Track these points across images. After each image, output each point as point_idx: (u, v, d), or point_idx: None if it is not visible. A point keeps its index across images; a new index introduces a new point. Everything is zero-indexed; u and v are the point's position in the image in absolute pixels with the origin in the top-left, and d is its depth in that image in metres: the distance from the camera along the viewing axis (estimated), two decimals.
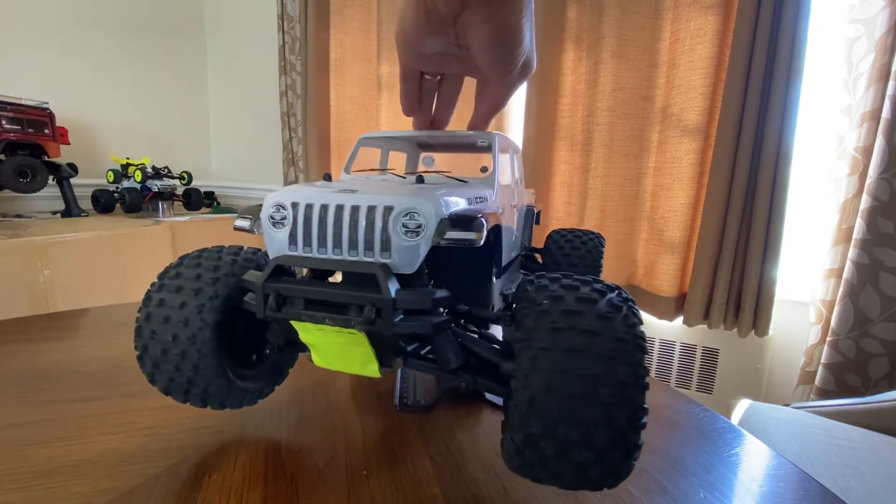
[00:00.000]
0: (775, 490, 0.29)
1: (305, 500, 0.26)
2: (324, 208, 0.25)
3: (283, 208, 0.26)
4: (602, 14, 1.02)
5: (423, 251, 0.24)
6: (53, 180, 1.36)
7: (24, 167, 1.25)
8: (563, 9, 1.09)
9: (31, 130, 1.28)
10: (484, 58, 0.29)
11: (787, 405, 0.72)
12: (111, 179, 1.47)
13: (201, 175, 1.89)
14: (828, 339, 0.86)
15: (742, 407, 0.70)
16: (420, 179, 0.32)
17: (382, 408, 0.37)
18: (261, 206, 0.27)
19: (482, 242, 0.24)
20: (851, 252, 0.82)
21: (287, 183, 1.73)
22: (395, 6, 1.38)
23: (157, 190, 1.46)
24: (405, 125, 0.37)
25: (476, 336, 0.29)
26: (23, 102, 1.26)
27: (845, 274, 0.83)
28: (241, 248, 0.31)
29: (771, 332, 0.96)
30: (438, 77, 0.35)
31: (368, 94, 1.48)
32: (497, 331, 0.33)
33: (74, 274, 1.05)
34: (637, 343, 0.21)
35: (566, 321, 0.21)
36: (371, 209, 0.24)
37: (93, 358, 0.46)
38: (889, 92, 0.77)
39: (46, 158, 1.32)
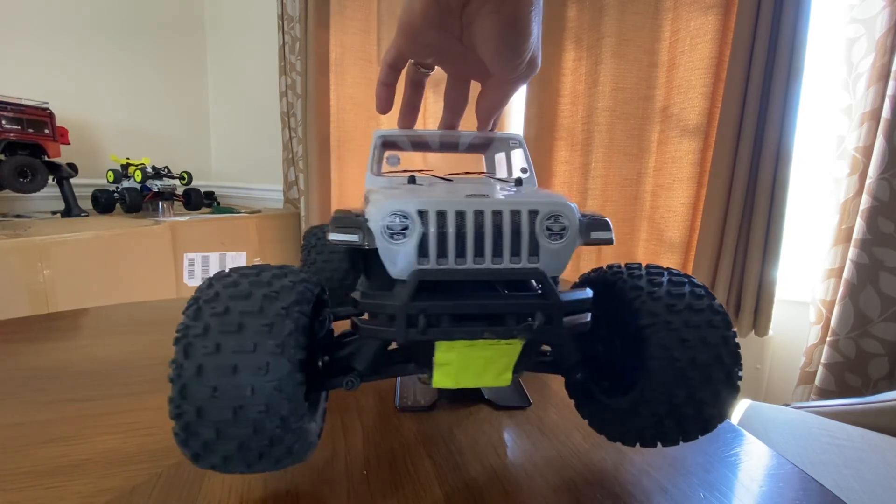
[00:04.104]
0: (775, 490, 0.29)
1: (305, 500, 0.26)
2: (460, 215, 0.23)
3: (406, 217, 0.23)
4: (602, 14, 1.02)
5: (570, 253, 0.24)
6: (53, 180, 1.36)
7: (24, 167, 1.25)
8: (563, 9, 1.09)
9: (31, 130, 1.28)
10: (490, 51, 0.28)
11: (787, 405, 0.72)
12: (111, 179, 1.47)
13: (201, 175, 1.89)
14: (828, 339, 0.86)
15: (742, 407, 0.70)
16: (412, 180, 0.31)
17: (382, 408, 0.37)
18: (356, 214, 0.24)
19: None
20: (851, 252, 0.82)
21: (287, 183, 1.74)
22: (395, 6, 1.38)
23: (157, 190, 1.46)
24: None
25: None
26: (23, 102, 1.26)
27: (845, 274, 0.83)
28: (282, 267, 0.25)
29: (771, 332, 0.96)
30: (429, 72, 0.34)
31: (368, 94, 1.48)
32: None
33: (74, 274, 1.05)
34: (725, 311, 0.25)
35: (680, 303, 0.25)
36: (515, 213, 0.23)
37: (93, 358, 0.46)
38: (889, 92, 0.77)
39: (46, 158, 1.32)
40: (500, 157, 0.40)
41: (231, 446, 0.21)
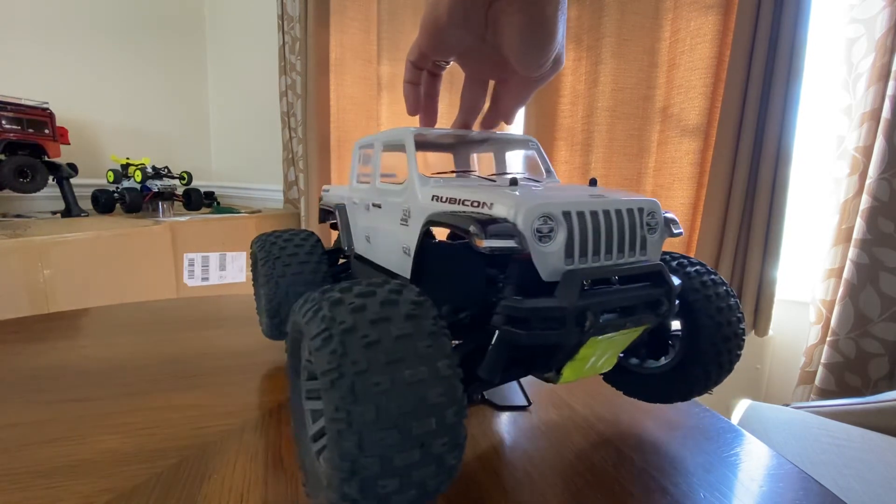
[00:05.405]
0: (775, 490, 0.29)
1: (305, 500, 0.26)
2: (594, 215, 0.24)
3: (551, 219, 0.23)
4: (602, 14, 1.02)
5: (662, 244, 0.27)
6: (53, 180, 1.36)
7: (24, 167, 1.25)
8: None
9: (31, 130, 1.28)
10: (516, 49, 0.28)
11: (787, 405, 0.72)
12: (111, 179, 1.47)
13: (201, 175, 1.89)
14: (828, 339, 0.86)
15: (742, 407, 0.70)
16: (515, 182, 0.30)
17: None
18: (496, 219, 0.23)
19: None
20: (851, 252, 0.82)
21: (287, 183, 1.73)
22: (395, 6, 1.38)
23: (157, 190, 1.46)
24: (404, 125, 0.36)
25: None
26: (23, 102, 1.26)
27: (845, 274, 0.83)
28: (386, 281, 0.22)
29: (771, 332, 0.96)
30: (446, 64, 0.34)
31: (368, 94, 1.48)
32: None
33: (74, 274, 1.05)
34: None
35: (708, 279, 0.31)
36: (630, 212, 0.25)
37: (93, 358, 0.46)
38: (889, 92, 0.77)
39: (46, 158, 1.32)
40: (511, 157, 0.40)
41: (411, 492, 0.18)
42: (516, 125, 1.21)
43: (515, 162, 0.40)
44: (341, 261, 0.48)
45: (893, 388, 0.77)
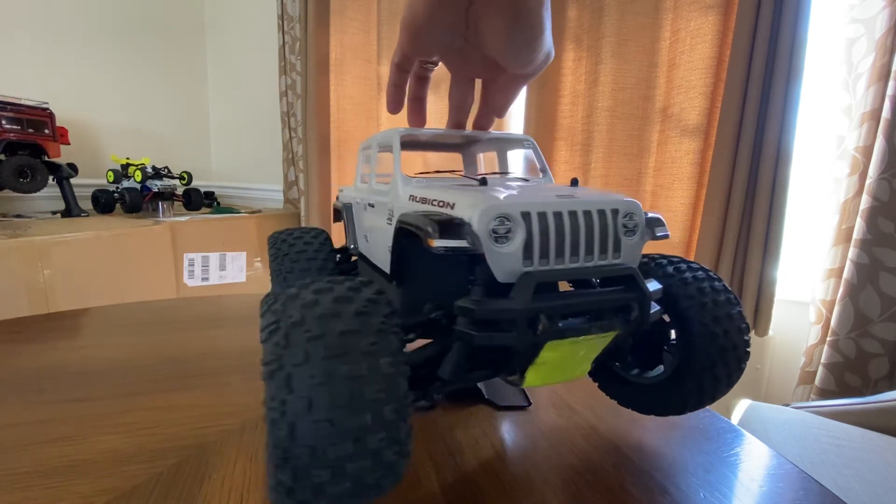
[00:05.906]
0: (775, 490, 0.29)
1: None
2: (557, 216, 0.23)
3: (509, 220, 0.22)
4: (602, 14, 1.02)
5: (642, 247, 0.26)
6: (53, 180, 1.36)
7: (24, 167, 1.25)
8: (563, 9, 1.09)
9: (31, 130, 1.28)
10: (503, 48, 0.27)
11: (787, 405, 0.72)
12: (111, 179, 1.47)
13: (201, 175, 1.89)
14: (828, 339, 0.86)
15: (742, 407, 0.70)
16: (484, 182, 0.30)
17: None
18: (452, 218, 0.23)
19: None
20: (851, 252, 0.82)
21: (287, 183, 1.73)
22: (395, 6, 1.38)
23: (157, 190, 1.46)
24: (404, 125, 0.36)
25: None
26: (23, 102, 1.26)
27: (845, 274, 0.83)
28: (350, 279, 0.22)
29: (771, 332, 0.96)
30: (433, 66, 0.34)
31: (368, 94, 1.48)
32: None
33: (74, 274, 1.05)
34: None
35: (706, 286, 0.29)
36: (601, 213, 0.24)
37: (93, 358, 0.46)
38: (889, 92, 0.77)
39: (46, 158, 1.32)
40: (512, 156, 0.40)
41: (346, 484, 0.18)
42: (516, 125, 1.21)
43: (516, 161, 0.40)
44: (353, 258, 0.48)
45: (893, 388, 0.77)
